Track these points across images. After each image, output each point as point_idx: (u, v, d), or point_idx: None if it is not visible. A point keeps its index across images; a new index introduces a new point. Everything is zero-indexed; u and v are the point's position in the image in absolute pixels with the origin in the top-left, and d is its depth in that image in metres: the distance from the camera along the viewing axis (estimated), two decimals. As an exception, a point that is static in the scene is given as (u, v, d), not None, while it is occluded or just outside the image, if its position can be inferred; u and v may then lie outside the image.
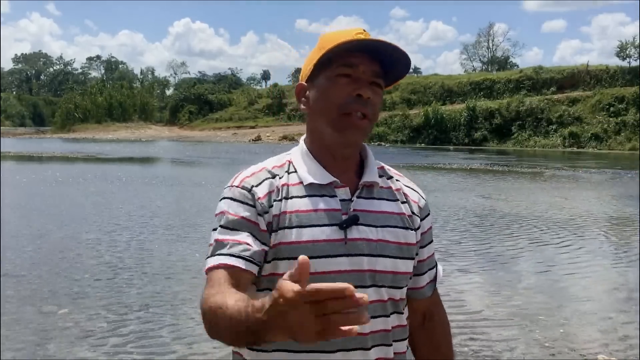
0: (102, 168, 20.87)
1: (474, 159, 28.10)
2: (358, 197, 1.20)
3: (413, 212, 1.27)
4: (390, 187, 1.27)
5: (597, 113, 41.20)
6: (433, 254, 1.34)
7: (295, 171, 1.21)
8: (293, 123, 51.22)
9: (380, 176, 1.27)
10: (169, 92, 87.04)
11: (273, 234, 1.15)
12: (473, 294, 5.70)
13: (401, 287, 1.22)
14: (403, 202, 1.26)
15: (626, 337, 4.57)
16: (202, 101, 62.87)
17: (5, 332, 4.41)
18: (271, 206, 1.16)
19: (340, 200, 1.19)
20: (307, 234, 1.14)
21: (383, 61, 1.20)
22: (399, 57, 1.20)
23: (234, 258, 1.10)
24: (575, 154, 35.51)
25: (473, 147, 40.85)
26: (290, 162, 1.24)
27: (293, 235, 1.15)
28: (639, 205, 11.99)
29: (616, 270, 6.88)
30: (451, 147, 40.93)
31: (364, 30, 1.21)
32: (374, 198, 1.22)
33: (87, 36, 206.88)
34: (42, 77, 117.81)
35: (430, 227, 1.32)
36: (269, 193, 1.17)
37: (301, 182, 1.20)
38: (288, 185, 1.19)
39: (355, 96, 1.17)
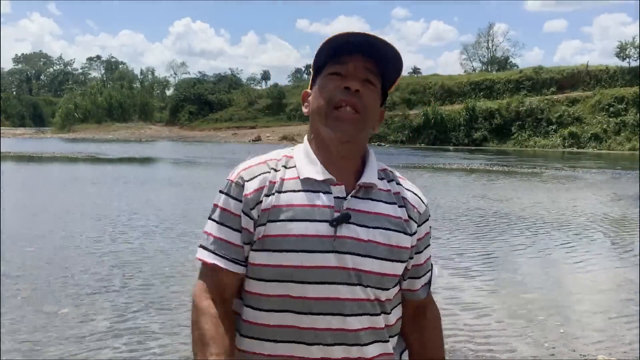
0: (102, 168, 20.88)
1: (473, 159, 28.12)
2: (353, 196, 1.21)
3: (410, 217, 1.26)
4: (389, 190, 1.27)
5: (596, 113, 41.24)
6: (429, 257, 1.34)
7: (295, 166, 1.23)
8: (293, 123, 51.23)
9: (382, 178, 1.27)
10: (169, 92, 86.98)
11: (261, 226, 1.18)
12: (473, 294, 5.70)
13: (387, 289, 1.22)
14: (401, 206, 1.26)
15: (626, 337, 4.57)
16: (202, 101, 62.90)
17: (5, 332, 4.41)
18: (260, 201, 1.19)
19: (335, 197, 1.19)
20: (297, 228, 1.16)
21: (376, 60, 1.22)
22: (391, 54, 1.21)
23: (219, 259, 1.20)
24: (575, 154, 35.53)
25: (473, 148, 40.88)
26: (291, 157, 1.26)
27: (283, 228, 1.16)
28: (639, 205, 12.00)
29: (616, 270, 6.88)
30: (451, 148, 40.96)
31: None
32: (370, 199, 1.22)
33: (88, 36, 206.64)
34: (42, 77, 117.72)
35: (428, 233, 1.32)
36: (261, 188, 1.20)
37: (298, 177, 1.21)
38: (284, 180, 1.21)
39: (343, 89, 1.19)
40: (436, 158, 28.87)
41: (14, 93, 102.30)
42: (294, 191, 1.19)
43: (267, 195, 1.19)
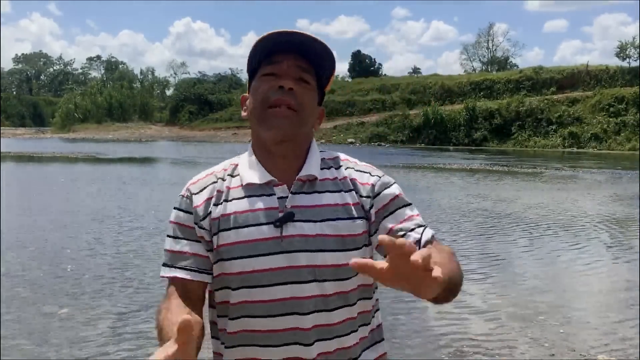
0: (102, 168, 20.88)
1: (474, 159, 28.11)
2: (295, 192, 1.20)
3: (362, 196, 1.23)
4: (335, 178, 1.25)
5: (597, 113, 41.22)
6: (411, 217, 1.21)
7: (239, 174, 1.25)
8: (293, 123, 51.21)
9: (329, 167, 1.26)
10: (169, 92, 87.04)
11: (215, 236, 1.20)
12: (473, 294, 5.70)
13: (348, 278, 1.20)
14: (348, 191, 1.23)
15: (626, 337, 4.57)
16: (202, 101, 62.90)
17: (5, 332, 4.41)
18: (209, 212, 1.21)
19: (278, 198, 1.20)
20: (244, 234, 1.17)
21: (310, 58, 1.22)
22: (323, 52, 1.22)
23: (182, 271, 1.19)
24: (575, 154, 35.52)
25: (473, 148, 40.87)
26: (236, 165, 1.27)
27: (232, 236, 1.18)
28: (639, 205, 12.00)
29: (616, 270, 6.88)
30: (451, 148, 40.95)
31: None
32: (315, 192, 1.21)
33: (89, 36, 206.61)
34: (42, 77, 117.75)
35: (395, 198, 1.23)
36: (209, 199, 1.22)
37: (241, 184, 1.23)
38: (230, 188, 1.23)
39: (277, 88, 1.20)
40: (436, 158, 28.86)
41: (14, 93, 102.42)
42: (239, 198, 1.21)
43: (216, 205, 1.21)
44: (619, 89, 42.97)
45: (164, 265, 1.23)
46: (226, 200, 1.21)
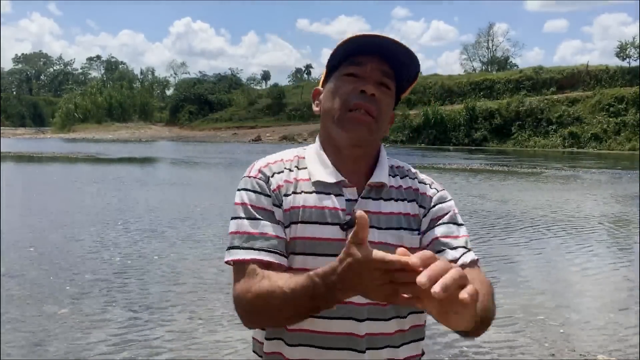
0: (102, 168, 20.88)
1: (473, 159, 28.12)
2: (364, 197, 1.19)
3: (420, 206, 1.23)
4: (400, 187, 1.25)
5: (596, 113, 41.28)
6: (457, 237, 1.20)
7: (306, 167, 1.22)
8: (293, 123, 51.23)
9: (394, 175, 1.26)
10: (169, 92, 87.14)
11: (287, 228, 1.17)
12: (473, 294, 5.69)
13: None
14: (411, 201, 1.24)
15: (626, 337, 4.57)
16: (202, 101, 63.00)
17: (5, 332, 4.41)
18: (282, 201, 1.18)
19: (346, 200, 1.18)
20: (310, 231, 1.15)
21: (393, 63, 1.20)
22: (408, 59, 1.20)
23: (266, 253, 1.12)
24: (575, 154, 35.53)
25: (473, 147, 40.89)
26: (303, 158, 1.25)
27: (298, 230, 1.16)
28: (639, 205, 12.00)
29: (616, 270, 6.88)
30: (451, 147, 40.98)
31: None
32: (382, 199, 1.20)
33: (89, 36, 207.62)
34: (42, 77, 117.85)
35: (450, 212, 1.23)
36: (283, 185, 1.20)
37: (309, 179, 1.20)
38: (298, 181, 1.21)
39: (359, 92, 1.18)
40: (436, 158, 28.87)
41: (14, 93, 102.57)
42: (307, 193, 1.18)
43: (286, 195, 1.19)
44: (619, 89, 43.05)
45: (237, 248, 1.14)
46: (295, 192, 1.19)
